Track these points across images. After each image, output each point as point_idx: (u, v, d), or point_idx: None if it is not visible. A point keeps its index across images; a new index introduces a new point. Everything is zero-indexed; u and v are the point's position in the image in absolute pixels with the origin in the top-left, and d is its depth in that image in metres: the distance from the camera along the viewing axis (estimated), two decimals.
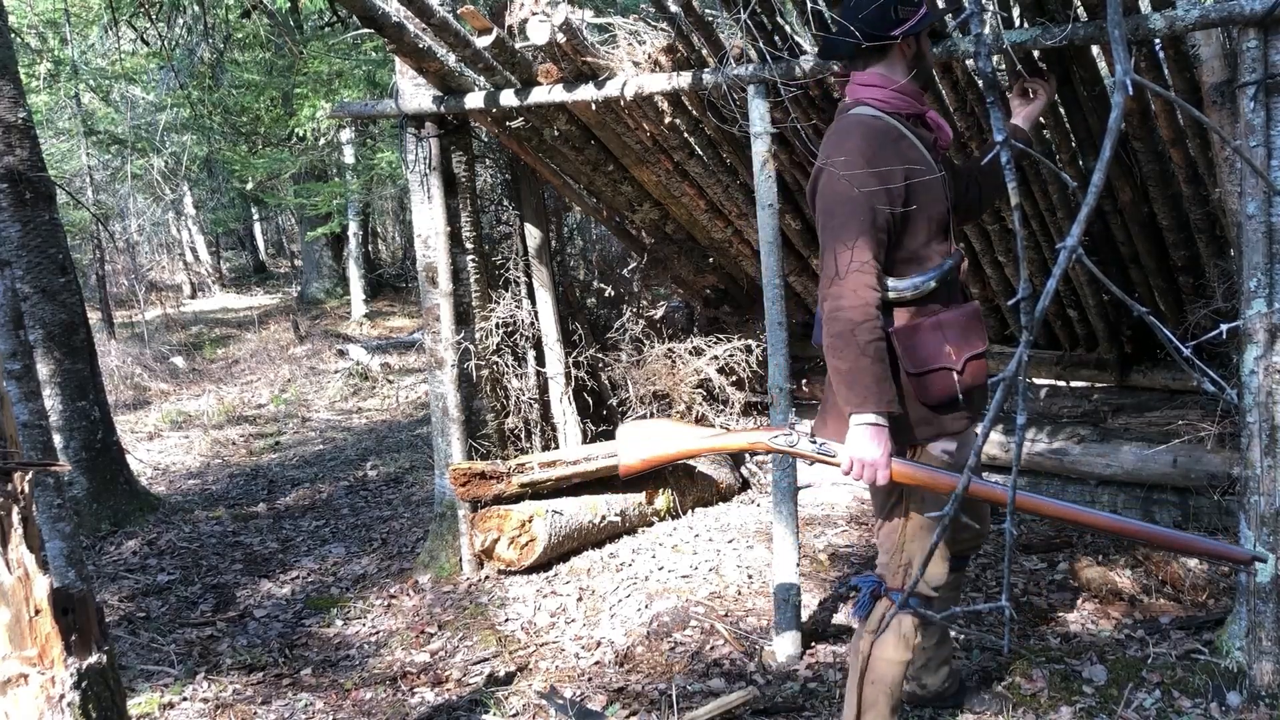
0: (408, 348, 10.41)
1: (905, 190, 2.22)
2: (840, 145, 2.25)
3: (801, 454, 2.37)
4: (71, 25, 10.22)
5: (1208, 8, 2.50)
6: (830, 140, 2.31)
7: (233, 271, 19.20)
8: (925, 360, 2.26)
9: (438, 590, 4.05)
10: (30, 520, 1.79)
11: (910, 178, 2.23)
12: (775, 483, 3.26)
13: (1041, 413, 4.46)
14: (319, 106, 9.01)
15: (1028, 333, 1.18)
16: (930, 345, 2.26)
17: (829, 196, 2.24)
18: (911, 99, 2.33)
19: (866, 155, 2.20)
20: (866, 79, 2.34)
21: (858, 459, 2.22)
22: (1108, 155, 1.06)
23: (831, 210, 2.23)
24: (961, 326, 2.30)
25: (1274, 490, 2.60)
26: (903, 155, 2.25)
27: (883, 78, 2.32)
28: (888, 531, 2.41)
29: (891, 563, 2.40)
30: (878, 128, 2.26)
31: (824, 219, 2.25)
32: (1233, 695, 2.68)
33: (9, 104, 4.65)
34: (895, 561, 2.39)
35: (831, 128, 2.36)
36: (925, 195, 2.27)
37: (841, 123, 2.33)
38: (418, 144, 4.05)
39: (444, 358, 4.18)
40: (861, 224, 2.18)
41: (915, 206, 2.25)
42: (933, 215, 2.30)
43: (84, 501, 5.15)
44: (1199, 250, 3.50)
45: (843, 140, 2.26)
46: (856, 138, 2.24)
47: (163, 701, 3.24)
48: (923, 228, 2.28)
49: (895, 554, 2.39)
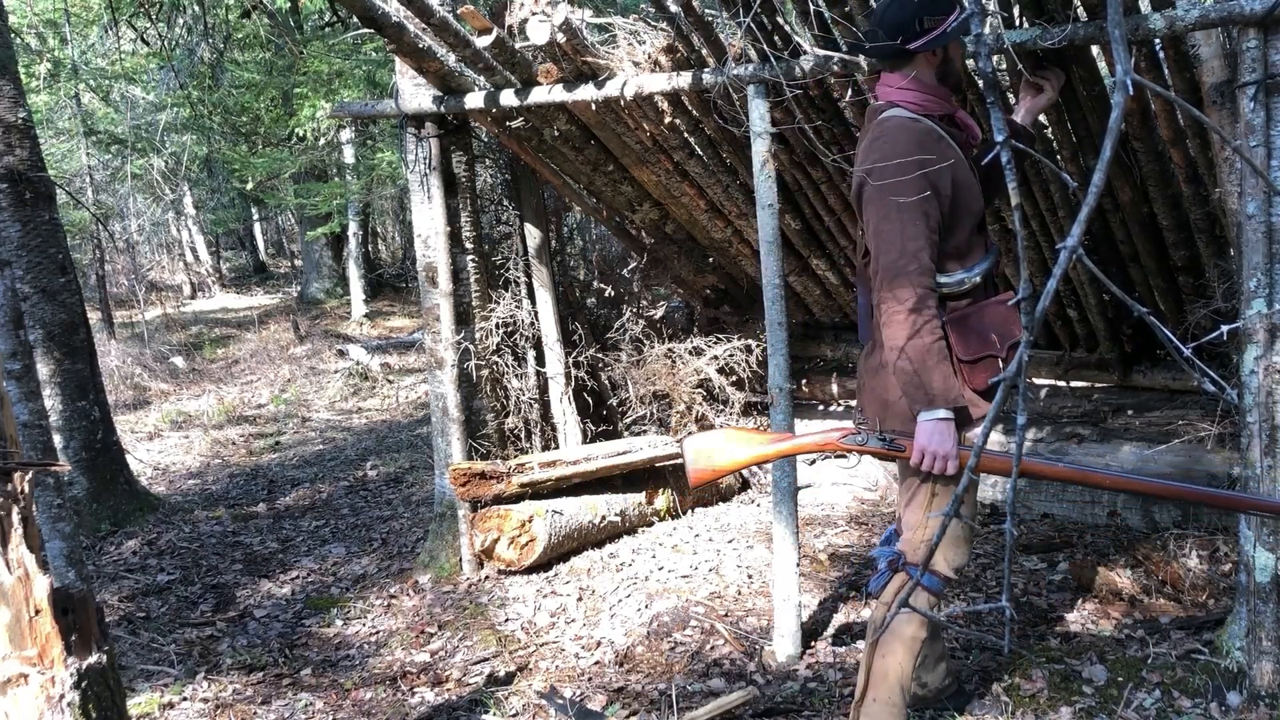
0: (408, 348, 10.42)
1: (952, 189, 2.30)
2: (889, 149, 2.28)
3: (873, 451, 2.43)
4: (71, 25, 10.23)
5: (1208, 8, 2.50)
6: (876, 144, 2.33)
7: (233, 271, 19.20)
8: (975, 349, 2.36)
9: (438, 590, 4.05)
10: (30, 520, 1.79)
11: (954, 176, 2.31)
12: (775, 483, 3.26)
13: (1041, 413, 4.46)
14: (319, 106, 9.01)
15: (1028, 333, 1.18)
16: (979, 334, 2.36)
17: (882, 201, 2.27)
18: (942, 100, 2.39)
19: (916, 158, 2.25)
20: (898, 81, 2.37)
21: (930, 451, 2.29)
22: (1108, 155, 1.06)
23: (887, 215, 2.26)
24: (1003, 316, 2.40)
25: (1274, 490, 2.60)
26: (944, 155, 2.30)
27: (914, 80, 2.36)
28: (911, 515, 2.48)
29: (915, 538, 2.47)
30: (920, 129, 2.31)
31: (879, 223, 2.29)
32: (1233, 695, 2.68)
33: (9, 104, 4.65)
34: (919, 537, 2.45)
35: (871, 131, 2.39)
36: (966, 193, 2.35)
37: (884, 126, 2.35)
38: (418, 144, 4.05)
39: (444, 358, 4.18)
40: (918, 226, 2.24)
41: (959, 204, 2.32)
42: (974, 211, 2.39)
43: (84, 501, 5.15)
44: (1199, 250, 3.50)
45: (890, 144, 2.29)
46: (904, 142, 2.28)
47: (163, 701, 3.24)
48: (966, 224, 2.37)
49: (919, 529, 2.45)
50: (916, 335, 2.23)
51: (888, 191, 2.25)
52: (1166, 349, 2.06)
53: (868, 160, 2.33)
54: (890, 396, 2.43)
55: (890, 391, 2.42)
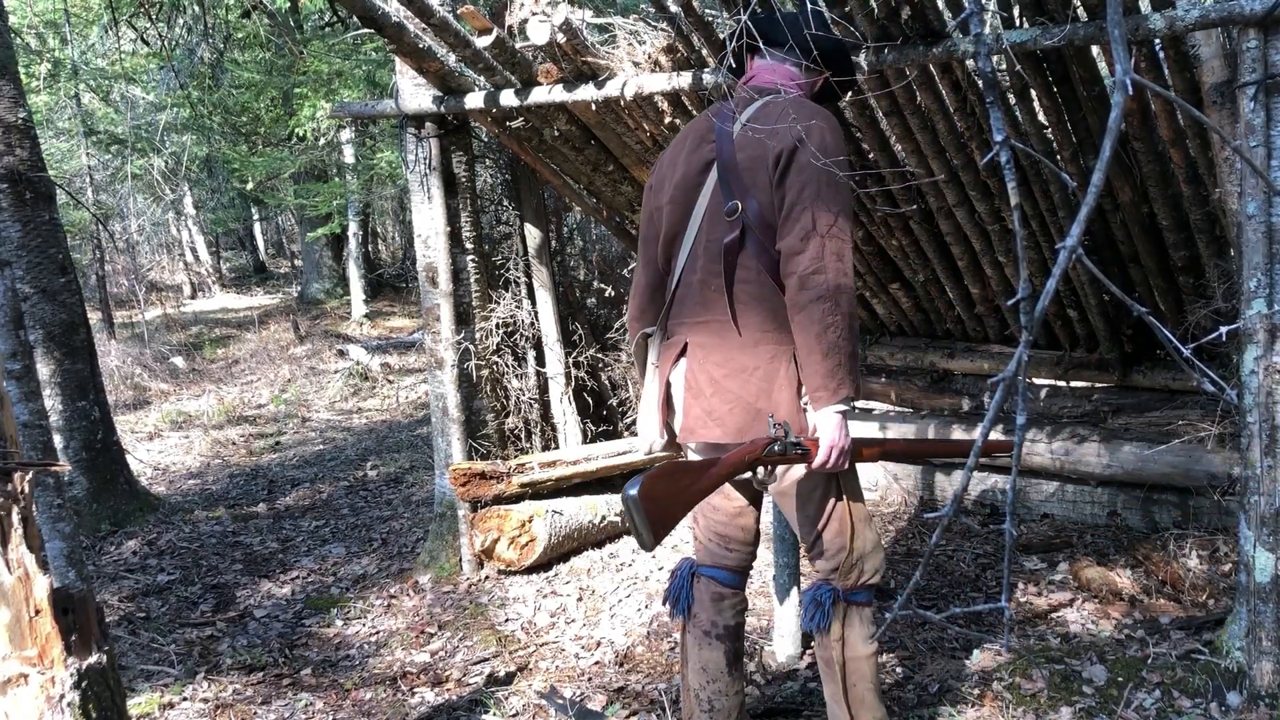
0: (408, 348, 10.42)
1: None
2: (820, 124, 2.18)
3: (783, 459, 2.18)
4: (71, 25, 10.23)
5: (1208, 8, 2.50)
6: (803, 113, 2.20)
7: (233, 271, 19.21)
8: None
9: (438, 590, 4.05)
10: (30, 520, 1.79)
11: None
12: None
13: (1041, 413, 4.46)
14: (319, 106, 9.01)
15: (1028, 333, 1.18)
16: None
17: (815, 168, 2.13)
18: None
19: (842, 141, 2.21)
20: (782, 70, 2.38)
21: (839, 447, 2.16)
22: (1108, 155, 1.06)
23: (818, 180, 2.13)
24: None
25: (1274, 490, 2.60)
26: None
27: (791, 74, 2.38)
28: (833, 534, 2.33)
29: (844, 565, 2.34)
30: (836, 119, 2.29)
31: (812, 188, 2.12)
32: (1233, 695, 2.68)
33: (9, 104, 4.66)
34: (847, 562, 2.33)
35: (784, 102, 2.25)
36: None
37: (804, 104, 2.25)
38: (418, 144, 4.05)
39: (444, 358, 4.18)
40: (846, 202, 2.16)
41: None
42: None
43: (84, 501, 5.15)
44: (1199, 250, 3.50)
45: (820, 119, 2.20)
46: (833, 121, 2.22)
47: (163, 701, 3.24)
48: None
49: (844, 554, 2.33)
50: (837, 301, 2.09)
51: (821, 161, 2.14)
52: (1166, 349, 2.05)
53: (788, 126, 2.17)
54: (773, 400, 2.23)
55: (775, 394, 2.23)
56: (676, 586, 2.54)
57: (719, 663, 2.47)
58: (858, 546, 2.34)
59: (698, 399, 2.31)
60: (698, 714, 2.51)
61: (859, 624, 2.36)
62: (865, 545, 2.36)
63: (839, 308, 2.10)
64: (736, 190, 2.25)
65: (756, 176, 2.22)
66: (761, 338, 2.24)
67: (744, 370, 2.25)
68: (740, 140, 2.26)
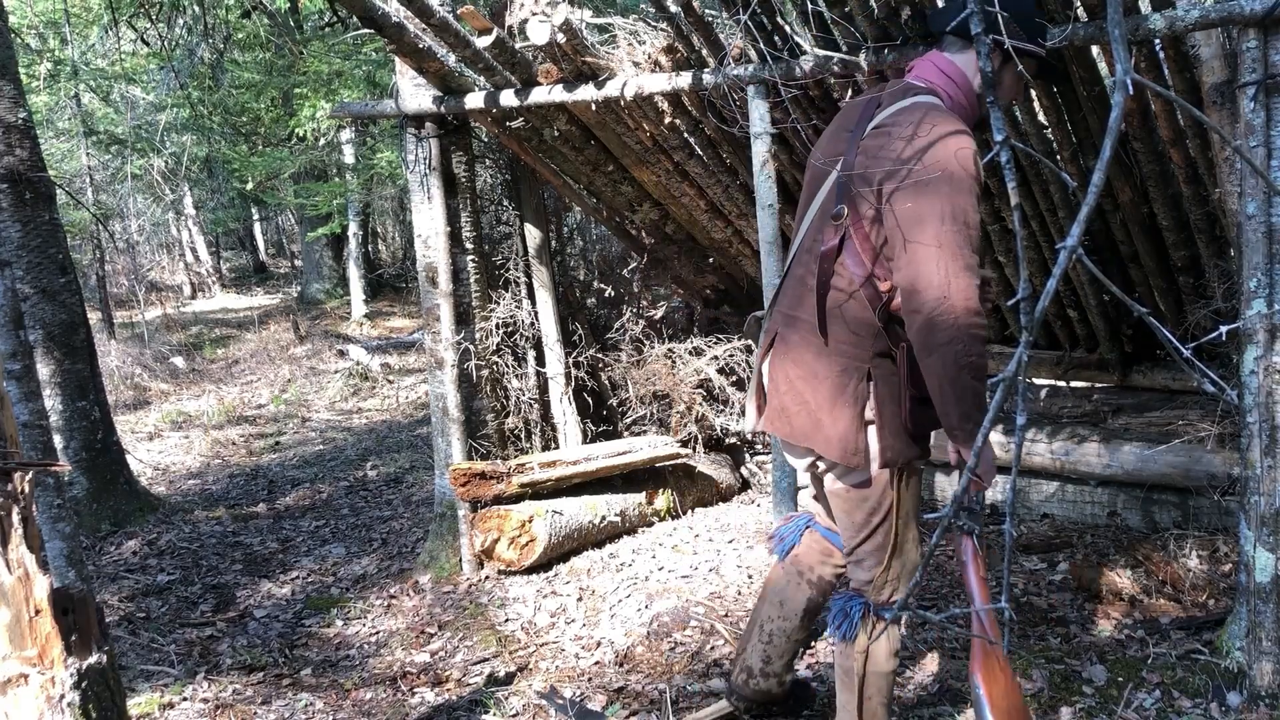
0: (408, 348, 10.42)
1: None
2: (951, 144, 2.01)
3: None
4: (71, 25, 10.23)
5: (1208, 8, 2.50)
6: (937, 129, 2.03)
7: (233, 272, 19.21)
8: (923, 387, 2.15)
9: (438, 590, 4.05)
10: (30, 520, 1.79)
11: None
12: (775, 483, 3.26)
13: (1041, 413, 4.46)
14: (319, 106, 9.01)
15: (1028, 333, 1.18)
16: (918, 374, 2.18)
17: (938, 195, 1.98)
18: (970, 111, 2.21)
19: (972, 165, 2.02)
20: (945, 65, 2.20)
21: (988, 476, 2.16)
22: (1108, 155, 1.06)
23: (939, 211, 1.98)
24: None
25: (1274, 490, 2.60)
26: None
27: (960, 74, 2.19)
28: (873, 548, 2.30)
29: (879, 579, 2.31)
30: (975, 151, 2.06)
31: (934, 222, 1.98)
32: (1233, 695, 2.68)
33: (9, 104, 4.66)
34: (883, 577, 2.31)
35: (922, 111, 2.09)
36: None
37: (944, 119, 2.07)
38: (418, 144, 4.05)
39: (444, 358, 4.18)
40: (970, 236, 2.00)
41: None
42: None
43: (84, 501, 5.15)
44: (1199, 250, 3.50)
45: (955, 138, 2.02)
46: (968, 142, 2.03)
47: (163, 701, 3.24)
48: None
49: (880, 569, 2.31)
50: (969, 349, 1.98)
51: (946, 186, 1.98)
52: (1166, 349, 2.05)
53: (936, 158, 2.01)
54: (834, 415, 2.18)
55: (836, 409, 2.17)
56: (788, 529, 2.62)
57: (799, 605, 2.57)
58: (895, 565, 2.30)
59: (775, 393, 2.31)
60: (755, 642, 2.61)
61: (885, 639, 2.33)
62: (905, 566, 2.32)
63: (968, 352, 1.98)
64: (846, 196, 2.15)
65: (869, 187, 2.10)
66: (837, 348, 2.19)
67: (815, 376, 2.21)
68: (866, 143, 2.15)
